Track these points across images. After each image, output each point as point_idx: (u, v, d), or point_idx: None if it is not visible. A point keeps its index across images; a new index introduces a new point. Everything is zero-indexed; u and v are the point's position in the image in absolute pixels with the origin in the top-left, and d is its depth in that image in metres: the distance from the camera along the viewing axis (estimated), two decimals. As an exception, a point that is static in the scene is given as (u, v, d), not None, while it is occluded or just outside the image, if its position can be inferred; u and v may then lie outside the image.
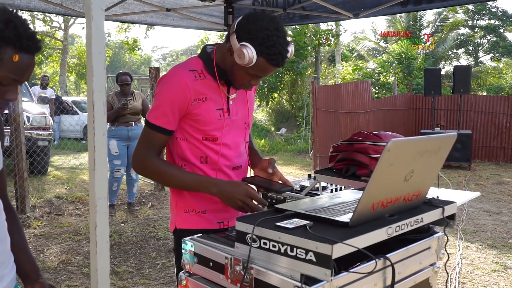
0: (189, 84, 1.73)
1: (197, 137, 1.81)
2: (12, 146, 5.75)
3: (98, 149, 1.10)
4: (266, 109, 19.91)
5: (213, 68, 1.80)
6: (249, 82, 1.78)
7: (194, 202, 1.86)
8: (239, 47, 1.65)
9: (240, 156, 1.92)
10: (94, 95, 1.09)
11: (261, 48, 1.65)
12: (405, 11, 3.86)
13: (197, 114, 1.76)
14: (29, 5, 3.79)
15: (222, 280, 1.40)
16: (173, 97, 1.73)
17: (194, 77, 1.76)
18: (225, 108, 1.82)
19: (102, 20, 1.09)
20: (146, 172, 1.85)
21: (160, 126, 1.76)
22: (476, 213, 6.45)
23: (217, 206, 1.85)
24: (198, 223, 1.85)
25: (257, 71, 1.72)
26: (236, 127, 1.88)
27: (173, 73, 1.78)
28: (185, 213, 1.88)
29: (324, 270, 1.18)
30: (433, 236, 1.61)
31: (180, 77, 1.74)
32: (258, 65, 1.68)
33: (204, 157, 1.83)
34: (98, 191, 1.10)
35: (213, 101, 1.79)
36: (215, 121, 1.79)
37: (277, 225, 1.31)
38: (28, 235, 5.13)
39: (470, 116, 11.63)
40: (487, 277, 4.16)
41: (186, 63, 1.82)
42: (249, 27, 1.67)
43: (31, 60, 1.24)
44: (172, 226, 1.95)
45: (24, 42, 1.22)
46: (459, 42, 28.75)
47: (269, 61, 1.68)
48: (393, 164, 1.29)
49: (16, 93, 1.28)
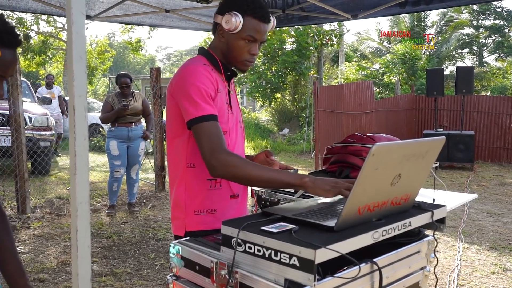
0: (211, 73, 1.77)
1: None
2: (13, 147, 5.77)
3: (79, 153, 1.09)
4: (269, 109, 19.90)
5: (216, 62, 1.85)
6: (249, 51, 1.82)
7: (206, 201, 1.82)
8: (224, 17, 1.77)
9: (242, 152, 1.96)
10: (75, 100, 1.09)
11: (243, 7, 1.76)
12: (404, 12, 3.85)
13: (215, 105, 1.75)
14: (27, 7, 3.80)
15: (208, 284, 1.39)
16: (205, 86, 1.72)
17: (210, 69, 1.80)
18: (228, 103, 1.86)
19: (83, 24, 1.08)
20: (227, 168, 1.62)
21: (214, 114, 1.70)
22: (477, 214, 6.42)
23: (226, 204, 1.86)
24: (210, 223, 1.82)
25: (249, 32, 1.78)
26: (236, 123, 1.91)
27: (192, 67, 1.76)
28: (195, 215, 1.83)
29: (307, 275, 1.17)
30: (423, 240, 1.60)
31: (202, 69, 1.76)
32: (247, 24, 1.77)
33: None
34: (79, 196, 1.10)
35: (223, 94, 1.83)
36: (225, 114, 1.81)
37: (262, 229, 1.31)
38: (28, 235, 5.15)
39: (473, 116, 11.59)
40: (486, 279, 4.14)
41: (195, 60, 1.83)
42: (227, 1, 1.81)
43: (14, 55, 1.25)
44: (179, 230, 1.86)
45: (5, 37, 1.22)
46: (464, 42, 28.67)
47: (254, 16, 1.77)
48: (378, 168, 1.28)
49: (2, 90, 1.28)
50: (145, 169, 9.14)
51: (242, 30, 1.77)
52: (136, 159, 6.12)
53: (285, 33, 16.87)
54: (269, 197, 2.84)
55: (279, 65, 16.83)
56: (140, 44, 22.17)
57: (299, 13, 4.43)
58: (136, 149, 6.07)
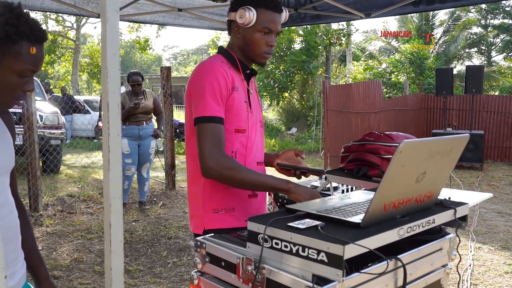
0: (227, 72, 1.79)
1: (229, 129, 1.81)
2: (25, 145, 5.81)
3: (112, 149, 1.11)
4: (277, 108, 19.90)
5: (235, 60, 1.87)
6: (266, 43, 1.84)
7: (225, 199, 1.84)
8: (238, 12, 1.81)
9: (262, 151, 1.97)
10: (109, 96, 1.10)
11: (255, 1, 1.80)
12: (418, 11, 3.84)
13: (232, 104, 1.79)
14: (43, 6, 3.83)
15: (234, 279, 1.40)
16: (219, 84, 1.74)
17: (228, 67, 1.83)
18: (247, 101, 1.88)
19: (117, 21, 1.10)
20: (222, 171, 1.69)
21: (218, 116, 1.73)
22: (488, 214, 6.40)
23: (244, 203, 1.88)
24: (228, 222, 1.83)
25: (264, 23, 1.82)
26: (256, 122, 1.93)
27: (209, 64, 1.79)
28: (214, 213, 1.84)
29: (335, 271, 1.18)
30: (445, 237, 1.60)
31: (218, 66, 1.79)
32: (262, 18, 1.81)
33: (234, 151, 1.83)
34: (113, 191, 1.11)
35: (242, 92, 1.85)
36: (243, 113, 1.83)
37: (288, 225, 1.32)
38: (41, 233, 5.19)
39: (483, 116, 11.53)
40: (499, 278, 4.13)
41: (213, 58, 1.86)
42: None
43: (43, 50, 1.32)
44: (198, 228, 1.87)
45: (38, 34, 1.27)
46: (472, 42, 28.51)
47: (268, 7, 1.81)
48: (405, 165, 1.29)
49: (33, 84, 1.33)
50: (155, 168, 9.18)
51: (257, 22, 1.81)
52: (147, 157, 6.15)
53: (294, 32, 16.86)
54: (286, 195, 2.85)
55: (287, 64, 16.83)
56: (148, 43, 22.24)
57: (311, 12, 4.43)
58: (147, 148, 6.09)
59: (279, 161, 2.01)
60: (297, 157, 1.99)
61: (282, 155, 2.01)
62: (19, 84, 1.29)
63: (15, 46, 1.24)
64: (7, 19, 1.22)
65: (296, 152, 1.99)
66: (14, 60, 1.25)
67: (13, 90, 1.29)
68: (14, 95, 1.30)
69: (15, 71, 1.26)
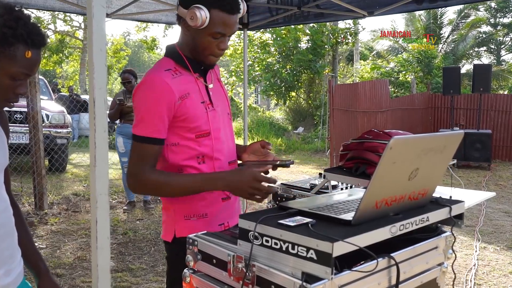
0: (170, 84, 1.65)
1: (190, 137, 1.71)
2: (30, 144, 5.85)
3: (98, 145, 1.11)
4: (284, 107, 19.88)
5: (184, 62, 1.73)
6: (218, 46, 1.69)
7: (197, 205, 1.77)
8: (189, 12, 1.61)
9: (232, 149, 1.86)
10: (95, 92, 1.10)
11: (209, 1, 1.60)
12: (421, 8, 3.81)
13: (185, 112, 1.68)
14: (46, 4, 3.85)
15: (225, 277, 1.40)
16: (158, 102, 1.63)
17: (172, 76, 1.68)
18: (207, 100, 1.75)
19: (103, 18, 1.10)
20: (144, 189, 1.71)
21: (150, 137, 1.64)
22: (494, 213, 6.34)
23: (217, 208, 1.80)
24: (200, 228, 1.73)
25: (218, 27, 1.63)
26: (222, 119, 1.82)
27: (150, 78, 1.66)
28: (185, 220, 1.77)
29: (325, 268, 1.17)
30: (441, 236, 1.59)
31: (161, 78, 1.65)
32: (214, 19, 1.62)
33: (200, 156, 1.74)
34: (99, 187, 1.11)
35: (197, 94, 1.72)
36: (202, 116, 1.71)
37: (279, 222, 1.31)
38: (45, 231, 5.22)
39: (490, 115, 11.44)
40: (504, 279, 4.09)
41: (159, 65, 1.73)
42: None
43: (40, 54, 1.30)
44: (168, 235, 1.81)
45: (35, 38, 1.27)
46: (481, 40, 28.29)
47: (221, 9, 1.61)
48: (396, 162, 1.27)
49: (26, 87, 1.32)
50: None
51: (209, 25, 1.62)
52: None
53: (300, 31, 16.83)
54: (285, 193, 2.85)
55: (294, 64, 16.80)
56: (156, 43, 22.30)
57: (314, 10, 4.42)
58: None
59: (246, 156, 1.88)
60: (263, 148, 1.83)
61: (249, 148, 1.88)
62: (11, 86, 1.29)
63: (11, 48, 1.24)
64: (5, 21, 1.22)
65: (262, 143, 1.83)
66: (9, 63, 1.25)
67: (4, 92, 1.29)
68: (5, 97, 1.30)
69: (8, 73, 1.26)
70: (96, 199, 1.09)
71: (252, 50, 17.96)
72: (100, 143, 1.10)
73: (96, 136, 1.10)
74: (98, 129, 1.10)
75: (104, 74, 1.10)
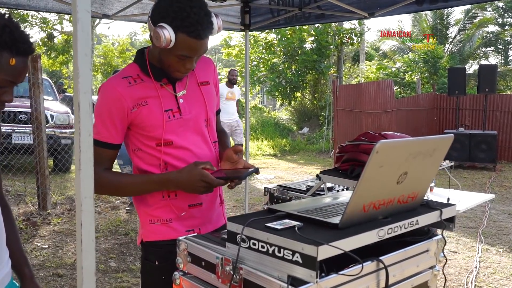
0: (122, 92, 1.64)
1: (149, 144, 1.70)
2: (34, 144, 5.88)
3: (83, 149, 1.11)
4: (289, 108, 19.87)
5: (147, 69, 1.69)
6: (183, 66, 1.64)
7: (161, 210, 1.75)
8: (154, 29, 1.55)
9: (204, 158, 1.77)
10: (80, 96, 1.11)
11: (176, 23, 1.53)
12: (421, 9, 3.79)
13: (141, 120, 1.66)
14: (47, 6, 3.87)
15: (214, 279, 1.40)
16: (109, 108, 1.64)
17: (128, 83, 1.66)
18: (174, 108, 1.71)
19: (88, 22, 1.10)
20: (100, 189, 1.68)
21: (103, 141, 1.66)
22: (498, 215, 6.30)
23: (183, 214, 1.76)
24: (165, 233, 1.74)
25: (183, 50, 1.58)
26: (193, 127, 1.75)
27: (105, 84, 1.68)
28: (150, 224, 1.76)
29: (310, 272, 1.17)
30: (432, 239, 1.58)
31: (112, 86, 1.65)
32: (180, 43, 1.56)
33: (163, 164, 1.71)
34: (84, 191, 1.12)
35: (157, 103, 1.68)
36: (162, 124, 1.67)
37: (266, 225, 1.31)
38: (48, 231, 5.25)
39: (496, 116, 11.37)
40: (505, 281, 4.06)
41: (121, 72, 1.72)
42: (160, 5, 1.58)
43: (26, 62, 1.29)
44: (138, 239, 1.83)
45: (20, 46, 1.26)
46: (489, 40, 28.11)
47: (188, 34, 1.54)
48: (383, 165, 1.27)
49: (12, 95, 1.31)
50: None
51: (175, 47, 1.56)
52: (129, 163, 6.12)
53: (305, 32, 16.81)
54: (281, 195, 2.85)
55: (299, 64, 16.79)
56: (162, 43, 22.36)
57: (315, 11, 4.41)
58: None
59: (222, 163, 1.80)
60: (236, 154, 1.75)
61: (224, 155, 1.79)
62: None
63: None
64: None
65: (235, 149, 1.76)
66: None
67: None
68: None
69: None
70: (81, 202, 1.10)
71: (257, 51, 17.98)
72: (85, 147, 1.11)
73: (81, 140, 1.11)
74: (82, 132, 1.11)
75: (89, 79, 1.10)
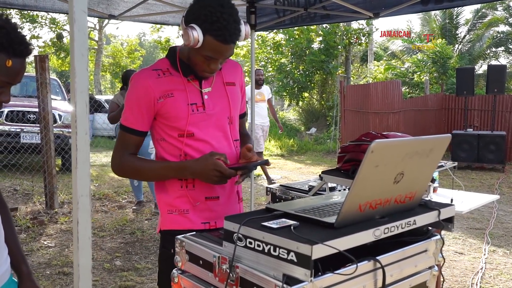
0: (151, 82, 1.76)
1: (172, 134, 1.80)
2: (41, 144, 5.93)
3: (80, 148, 1.13)
4: (296, 108, 19.85)
5: (176, 65, 1.81)
6: (209, 66, 1.74)
7: (179, 200, 1.84)
8: (185, 29, 1.66)
9: (230, 153, 1.86)
10: (77, 95, 1.12)
11: (205, 25, 1.64)
12: (427, 9, 3.78)
13: (167, 111, 1.77)
14: (54, 7, 3.91)
15: (211, 278, 1.41)
16: (138, 97, 1.77)
17: (158, 75, 1.78)
18: (199, 102, 1.81)
19: (85, 22, 1.12)
20: (122, 172, 1.87)
21: (130, 127, 1.81)
22: (506, 216, 6.26)
23: (200, 206, 1.85)
24: (182, 223, 1.84)
25: (208, 52, 1.68)
26: (215, 122, 1.84)
27: (136, 74, 1.80)
28: (168, 214, 1.87)
29: (304, 271, 1.18)
30: (430, 239, 1.58)
31: (142, 77, 1.77)
32: (207, 45, 1.66)
33: (183, 155, 1.81)
34: (80, 189, 1.13)
35: (183, 96, 1.79)
36: (186, 116, 1.77)
37: (262, 224, 1.32)
38: (55, 230, 5.29)
39: (505, 116, 11.27)
40: (510, 283, 4.03)
41: (153, 64, 1.85)
42: (193, 8, 1.69)
43: (23, 63, 1.30)
44: (158, 228, 1.95)
45: (17, 48, 1.27)
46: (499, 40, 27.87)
47: (215, 38, 1.64)
48: (379, 165, 1.27)
49: (9, 95, 1.33)
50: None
51: (202, 48, 1.67)
52: (147, 157, 6.11)
53: (313, 32, 16.79)
54: (283, 195, 2.86)
55: (307, 64, 16.77)
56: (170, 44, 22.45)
57: (321, 11, 4.41)
58: (146, 147, 6.01)
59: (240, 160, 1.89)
60: (249, 152, 1.83)
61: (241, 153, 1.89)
62: None
63: None
64: None
65: (247, 147, 1.83)
66: None
67: None
68: None
69: None
70: (78, 200, 1.11)
71: (265, 51, 17.97)
72: (81, 146, 1.12)
73: (77, 139, 1.12)
74: (79, 131, 1.12)
75: (85, 79, 1.12)
